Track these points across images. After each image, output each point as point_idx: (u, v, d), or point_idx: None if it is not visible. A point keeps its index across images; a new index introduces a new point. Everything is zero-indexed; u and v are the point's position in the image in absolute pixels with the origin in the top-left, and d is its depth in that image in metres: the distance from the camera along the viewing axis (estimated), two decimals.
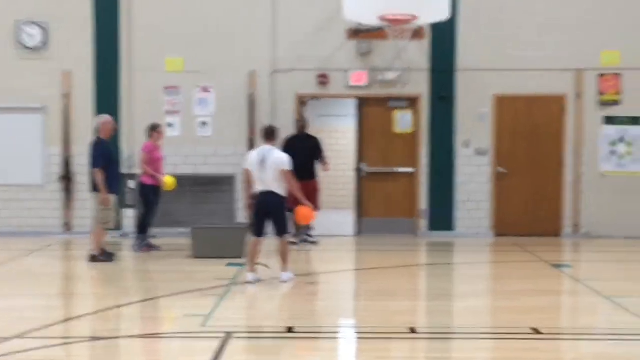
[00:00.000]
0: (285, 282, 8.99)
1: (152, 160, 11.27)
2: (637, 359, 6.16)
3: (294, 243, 12.21)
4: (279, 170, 8.88)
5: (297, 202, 9.38)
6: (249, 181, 9.08)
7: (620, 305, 7.88)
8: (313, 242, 12.29)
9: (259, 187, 8.94)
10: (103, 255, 10.40)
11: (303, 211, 9.22)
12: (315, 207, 12.43)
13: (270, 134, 9.21)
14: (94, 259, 10.37)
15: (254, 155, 9.10)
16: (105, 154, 10.44)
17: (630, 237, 12.78)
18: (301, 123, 12.57)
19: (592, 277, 9.57)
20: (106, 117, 10.89)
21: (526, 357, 6.14)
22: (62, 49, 13.10)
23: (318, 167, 12.47)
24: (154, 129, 11.49)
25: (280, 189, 8.94)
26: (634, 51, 12.93)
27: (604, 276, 9.79)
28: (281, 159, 8.95)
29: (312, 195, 12.32)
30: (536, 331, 6.85)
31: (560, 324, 7.66)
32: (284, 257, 9.11)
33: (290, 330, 6.93)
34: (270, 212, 8.98)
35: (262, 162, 8.90)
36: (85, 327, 7.18)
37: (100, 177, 10.22)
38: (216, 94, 13.18)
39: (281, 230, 9.07)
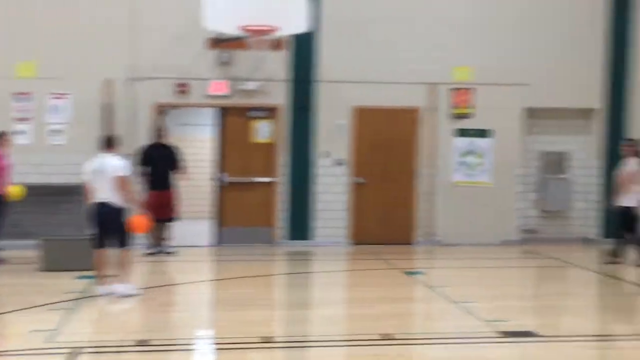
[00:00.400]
0: (120, 295, 8.65)
1: None
2: None
3: (151, 254, 12.01)
4: (115, 176, 8.65)
5: (154, 210, 9.17)
6: (88, 193, 8.83)
7: (467, 310, 8.21)
8: (170, 253, 12.10)
9: (95, 198, 8.70)
10: None
11: (137, 220, 8.86)
12: (173, 217, 12.28)
13: (109, 142, 8.96)
14: None
15: (90, 164, 8.85)
16: None
17: (479, 244, 13.35)
18: (159, 132, 12.38)
19: (443, 283, 9.90)
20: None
21: None
22: None
23: (176, 177, 12.32)
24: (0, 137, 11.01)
25: (115, 198, 8.69)
26: (483, 68, 13.54)
27: (454, 282, 10.16)
28: (117, 165, 8.73)
29: (169, 205, 12.17)
30: (388, 337, 7.02)
31: (412, 329, 7.88)
32: (123, 269, 8.80)
33: (142, 343, 6.78)
34: (106, 223, 8.71)
35: (99, 171, 8.70)
36: None
37: None
38: (71, 101, 12.76)
39: (120, 242, 8.79)
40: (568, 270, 11.37)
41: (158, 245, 12.14)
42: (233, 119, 13.33)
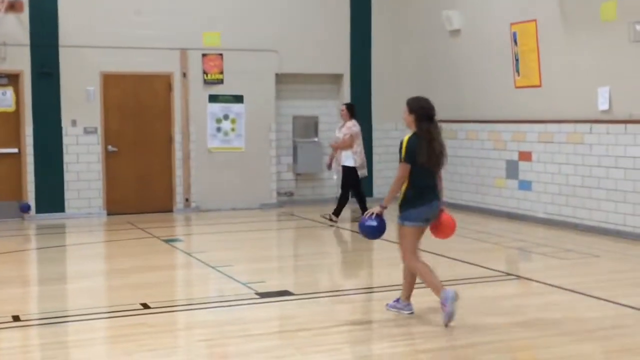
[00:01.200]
0: None
1: None
2: (239, 322, 6.54)
3: None
4: None
5: None
6: None
7: (225, 274, 8.32)
8: None
9: None
10: None
11: None
12: None
13: None
14: None
15: None
16: None
17: (235, 208, 13.55)
18: None
19: (202, 249, 9.96)
20: None
21: (135, 332, 6.20)
22: None
23: None
24: None
25: None
26: (233, 33, 13.63)
27: (213, 247, 10.26)
28: None
29: None
30: (145, 306, 6.94)
31: (173, 296, 7.84)
32: None
33: None
34: None
35: None
36: None
37: None
38: None
39: None
40: (322, 230, 11.86)
41: None
42: None
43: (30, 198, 12.53)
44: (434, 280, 6.33)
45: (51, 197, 12.64)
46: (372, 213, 6.46)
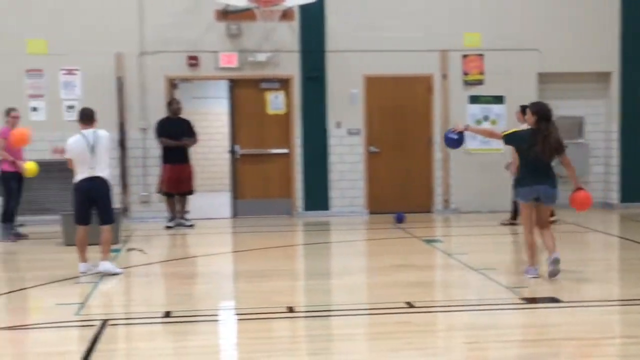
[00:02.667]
0: (102, 272, 8.38)
1: (9, 145, 10.71)
2: (502, 327, 6.43)
3: (169, 227, 12.06)
4: (109, 151, 8.70)
5: (172, 184, 9.46)
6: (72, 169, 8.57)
7: (487, 277, 8.22)
8: (189, 226, 12.15)
9: (84, 174, 8.40)
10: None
11: None
12: (191, 190, 12.31)
13: (90, 117, 8.63)
14: None
15: (79, 140, 8.48)
16: None
17: (494, 211, 13.34)
18: (174, 106, 12.33)
19: (462, 251, 9.92)
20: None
21: (400, 330, 6.30)
22: None
23: (191, 150, 12.35)
24: (7, 113, 10.99)
25: (108, 174, 8.58)
26: (493, 33, 13.45)
27: (472, 249, 10.18)
28: (109, 140, 8.73)
29: (187, 179, 12.18)
30: (410, 305, 7.04)
31: (433, 297, 7.90)
32: (106, 245, 8.52)
33: (167, 314, 6.83)
34: (97, 198, 8.49)
35: (92, 146, 8.41)
36: None
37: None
38: (82, 77, 12.75)
39: (108, 218, 8.63)
40: (587, 235, 11.33)
41: (176, 218, 12.18)
42: (245, 91, 13.31)
43: (298, 196, 13.25)
44: (532, 254, 8.10)
45: (317, 195, 13.28)
46: (455, 129, 8.35)
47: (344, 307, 7.18)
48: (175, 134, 12.07)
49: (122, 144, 12.85)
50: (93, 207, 8.54)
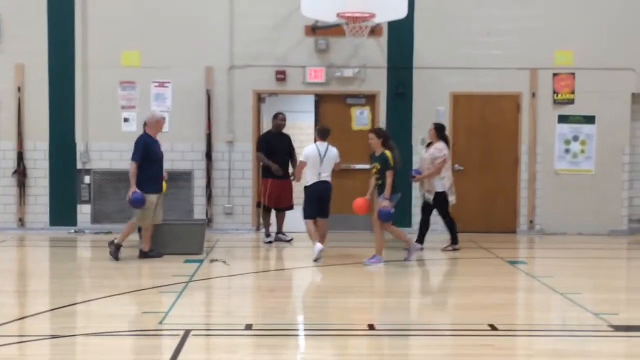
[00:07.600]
0: (317, 253, 10.32)
1: None
2: (589, 355, 6.26)
3: (269, 242, 12.05)
4: (335, 162, 10.91)
5: (275, 199, 11.76)
6: (300, 170, 11.14)
7: (573, 301, 8.01)
8: (288, 240, 12.16)
9: (314, 178, 10.70)
10: (153, 251, 10.22)
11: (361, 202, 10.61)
12: (291, 205, 12.27)
13: (326, 133, 10.93)
14: (144, 255, 10.18)
15: (312, 149, 10.78)
16: (146, 150, 10.16)
17: (582, 233, 13.02)
18: (279, 121, 12.24)
19: (547, 274, 9.70)
20: (156, 114, 10.70)
21: (482, 353, 6.21)
22: (15, 42, 12.87)
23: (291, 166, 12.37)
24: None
25: (330, 178, 10.88)
26: (586, 52, 13.16)
27: (558, 272, 9.93)
28: (337, 154, 10.95)
29: (289, 194, 12.18)
30: (492, 327, 6.93)
31: (516, 320, 7.75)
32: (323, 238, 10.65)
33: (249, 327, 6.90)
34: (325, 198, 10.77)
35: (324, 156, 10.72)
36: (41, 325, 7.05)
37: (132, 170, 10.06)
38: (173, 89, 13.07)
39: (327, 213, 10.87)
40: None
41: (276, 232, 12.20)
42: (330, 106, 13.38)
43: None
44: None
45: (400, 211, 13.13)
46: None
47: (424, 327, 7.11)
48: (276, 150, 12.06)
49: (208, 155, 13.09)
50: (320, 204, 10.74)
